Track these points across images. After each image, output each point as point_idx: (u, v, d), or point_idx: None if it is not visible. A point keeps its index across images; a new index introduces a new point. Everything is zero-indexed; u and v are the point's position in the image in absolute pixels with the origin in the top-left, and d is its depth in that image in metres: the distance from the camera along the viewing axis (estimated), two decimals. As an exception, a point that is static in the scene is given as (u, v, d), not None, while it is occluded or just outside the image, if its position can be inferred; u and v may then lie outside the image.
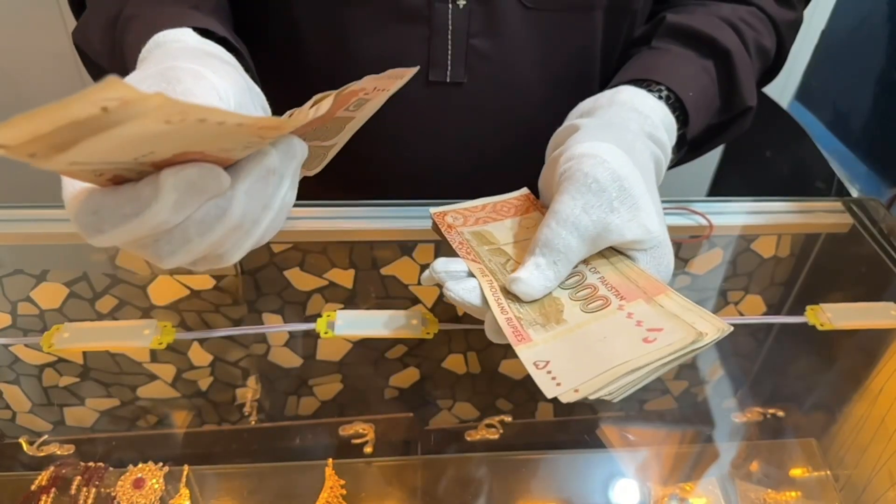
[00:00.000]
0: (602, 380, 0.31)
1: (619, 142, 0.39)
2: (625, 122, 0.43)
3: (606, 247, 0.39)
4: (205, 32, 0.41)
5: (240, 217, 0.30)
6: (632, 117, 0.43)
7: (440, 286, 0.38)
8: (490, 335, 0.36)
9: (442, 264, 0.38)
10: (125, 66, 0.43)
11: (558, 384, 0.31)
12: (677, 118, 0.47)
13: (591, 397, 0.31)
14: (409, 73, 0.36)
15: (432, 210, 0.45)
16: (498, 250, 0.41)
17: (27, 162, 0.24)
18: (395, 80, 0.36)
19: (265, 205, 0.31)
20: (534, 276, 0.36)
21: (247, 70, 0.41)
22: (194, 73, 0.33)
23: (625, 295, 0.36)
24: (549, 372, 0.32)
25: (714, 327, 0.33)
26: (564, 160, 0.39)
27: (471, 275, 0.38)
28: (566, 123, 0.44)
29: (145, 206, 0.27)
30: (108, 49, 0.46)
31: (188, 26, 0.40)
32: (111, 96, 0.22)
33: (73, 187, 0.29)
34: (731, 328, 0.33)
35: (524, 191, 0.47)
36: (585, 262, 0.39)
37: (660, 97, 0.46)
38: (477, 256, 0.40)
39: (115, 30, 0.45)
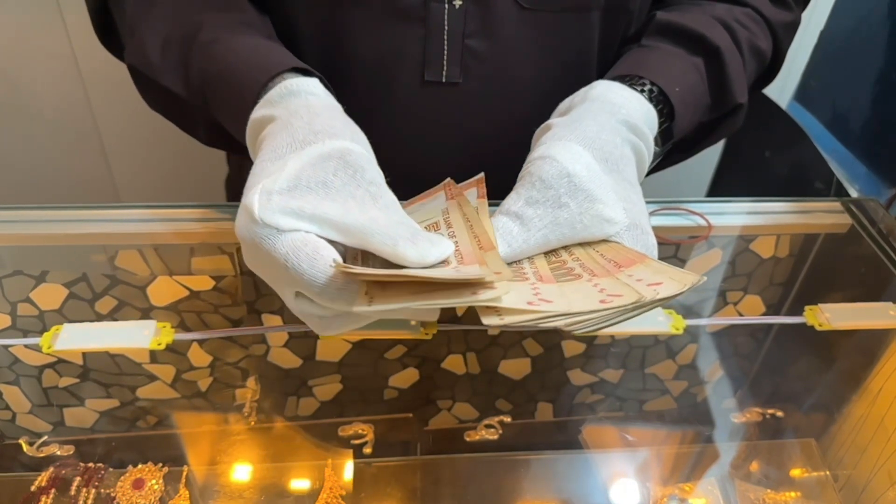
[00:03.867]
0: (543, 318, 0.33)
1: (581, 137, 0.41)
2: (593, 114, 0.44)
3: (567, 242, 0.40)
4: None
5: None
6: (602, 109, 0.44)
7: None
8: None
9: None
10: (203, 87, 0.46)
11: (501, 318, 0.33)
12: (662, 112, 0.47)
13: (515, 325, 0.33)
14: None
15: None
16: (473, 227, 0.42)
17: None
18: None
19: None
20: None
21: None
22: (368, 159, 0.37)
23: (598, 273, 0.37)
24: (497, 310, 0.33)
25: (679, 284, 0.34)
26: (525, 165, 0.42)
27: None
28: (544, 123, 0.45)
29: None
30: (171, 66, 0.47)
31: (312, 76, 0.43)
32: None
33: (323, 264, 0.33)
34: (703, 278, 0.35)
35: None
36: (568, 250, 0.40)
37: (642, 91, 0.46)
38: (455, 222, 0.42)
39: (188, 51, 0.46)
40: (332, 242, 0.34)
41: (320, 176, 0.35)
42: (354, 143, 0.37)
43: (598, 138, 0.41)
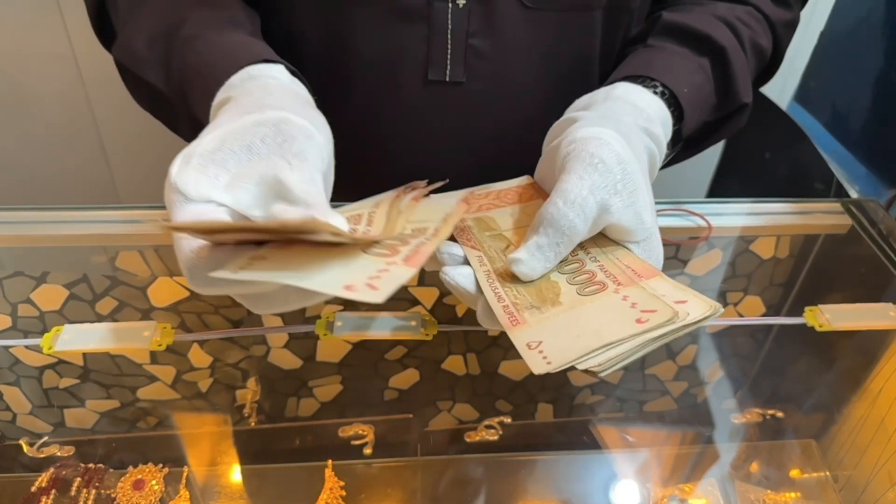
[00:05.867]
0: (586, 355, 0.32)
1: (616, 131, 0.40)
2: (619, 115, 0.43)
3: (600, 230, 0.39)
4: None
5: None
6: (627, 110, 0.44)
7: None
8: (482, 321, 0.37)
9: (445, 246, 0.39)
10: (182, 82, 0.45)
11: (549, 363, 0.32)
12: (672, 114, 0.47)
13: (565, 368, 0.32)
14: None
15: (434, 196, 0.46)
16: (499, 236, 0.41)
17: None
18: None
19: None
20: (535, 258, 0.36)
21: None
22: (306, 132, 0.35)
23: (622, 281, 0.36)
24: (540, 351, 0.33)
25: (706, 305, 0.34)
26: (567, 143, 0.39)
27: (468, 262, 0.39)
28: (563, 117, 0.45)
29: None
30: (155, 62, 0.47)
31: (267, 59, 0.42)
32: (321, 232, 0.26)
33: (191, 241, 0.31)
34: (722, 308, 0.34)
35: (527, 178, 0.47)
36: (585, 250, 0.39)
37: (655, 93, 0.47)
38: (477, 243, 0.40)
39: (170, 46, 0.46)
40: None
41: (247, 140, 0.33)
42: (298, 117, 0.35)
43: (630, 139, 0.41)
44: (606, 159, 0.37)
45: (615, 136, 0.39)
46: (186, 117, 0.50)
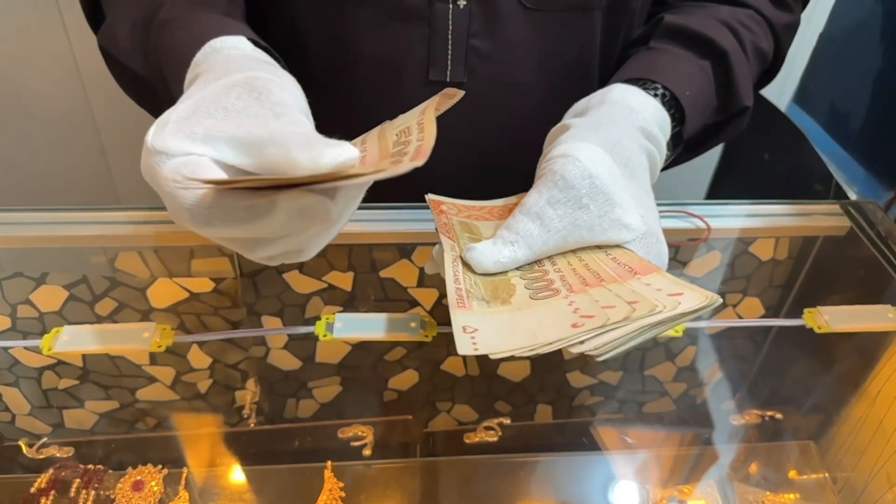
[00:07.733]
0: (515, 350, 0.33)
1: (602, 140, 0.41)
2: (613, 118, 0.44)
3: (584, 245, 0.40)
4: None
5: (333, 222, 0.33)
6: (621, 114, 0.44)
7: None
8: None
9: (438, 249, 0.41)
10: (161, 66, 0.45)
11: (476, 348, 0.33)
12: (673, 116, 0.48)
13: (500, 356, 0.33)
14: (459, 94, 0.41)
15: (429, 196, 0.46)
16: (477, 240, 0.42)
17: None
18: (447, 99, 0.41)
19: (350, 212, 0.35)
20: (487, 248, 0.39)
21: None
22: (279, 84, 0.35)
23: (576, 289, 0.37)
24: (472, 337, 0.34)
25: (702, 296, 0.34)
26: (545, 161, 0.41)
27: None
28: (559, 123, 0.45)
29: (256, 218, 0.30)
30: (136, 48, 0.47)
31: (239, 35, 0.42)
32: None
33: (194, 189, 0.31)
34: (720, 299, 0.34)
35: (521, 196, 0.48)
36: (552, 261, 0.40)
37: (655, 95, 0.47)
38: (455, 237, 0.42)
39: (148, 32, 0.46)
40: (233, 171, 0.32)
41: (221, 102, 0.33)
42: (267, 74, 0.35)
43: (619, 143, 0.41)
44: (568, 176, 0.39)
45: (591, 149, 0.40)
46: (169, 103, 0.50)
